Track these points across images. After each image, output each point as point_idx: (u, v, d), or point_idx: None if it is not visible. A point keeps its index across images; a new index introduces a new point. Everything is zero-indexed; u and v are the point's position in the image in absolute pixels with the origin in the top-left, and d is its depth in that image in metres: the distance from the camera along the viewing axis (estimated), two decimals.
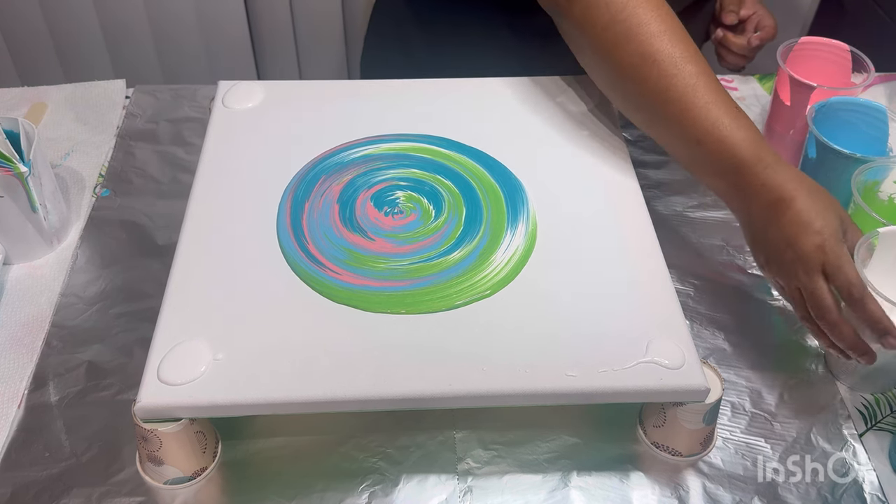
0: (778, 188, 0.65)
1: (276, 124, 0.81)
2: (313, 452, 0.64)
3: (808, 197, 0.64)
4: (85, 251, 0.80)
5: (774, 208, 0.64)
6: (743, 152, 0.66)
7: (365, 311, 0.63)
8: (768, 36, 0.98)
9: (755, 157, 0.66)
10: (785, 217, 0.64)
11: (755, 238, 0.67)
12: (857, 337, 0.62)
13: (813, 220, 0.63)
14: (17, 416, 0.66)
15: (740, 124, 0.67)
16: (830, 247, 0.62)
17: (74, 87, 1.00)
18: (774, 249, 0.65)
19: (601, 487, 0.63)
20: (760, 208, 0.65)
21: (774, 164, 0.66)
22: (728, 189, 0.68)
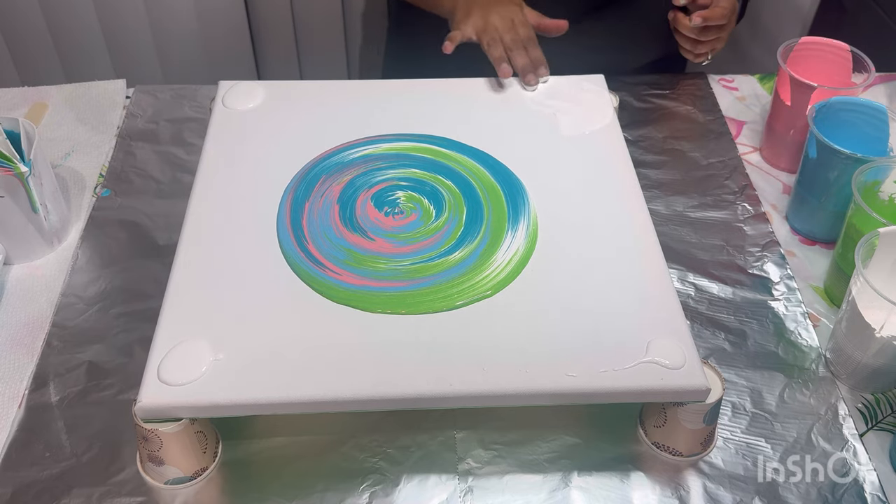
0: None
1: (276, 124, 0.81)
2: (313, 452, 0.64)
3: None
4: (85, 251, 0.80)
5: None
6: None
7: (365, 312, 0.63)
8: (713, 15, 0.92)
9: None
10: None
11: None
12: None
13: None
14: (18, 416, 0.66)
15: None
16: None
17: (74, 87, 1.00)
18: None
19: (602, 487, 0.63)
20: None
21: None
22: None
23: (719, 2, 0.93)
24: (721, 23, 0.93)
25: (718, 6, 0.93)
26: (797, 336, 0.74)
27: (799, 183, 0.84)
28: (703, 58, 0.98)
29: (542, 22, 0.91)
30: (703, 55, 0.98)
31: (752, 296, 0.77)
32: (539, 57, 0.87)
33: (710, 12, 0.92)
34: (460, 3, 0.92)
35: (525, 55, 0.86)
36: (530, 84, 0.85)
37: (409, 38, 1.14)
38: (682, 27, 0.95)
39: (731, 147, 0.94)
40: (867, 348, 0.67)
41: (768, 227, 0.84)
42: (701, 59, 0.99)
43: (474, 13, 0.90)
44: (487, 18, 0.89)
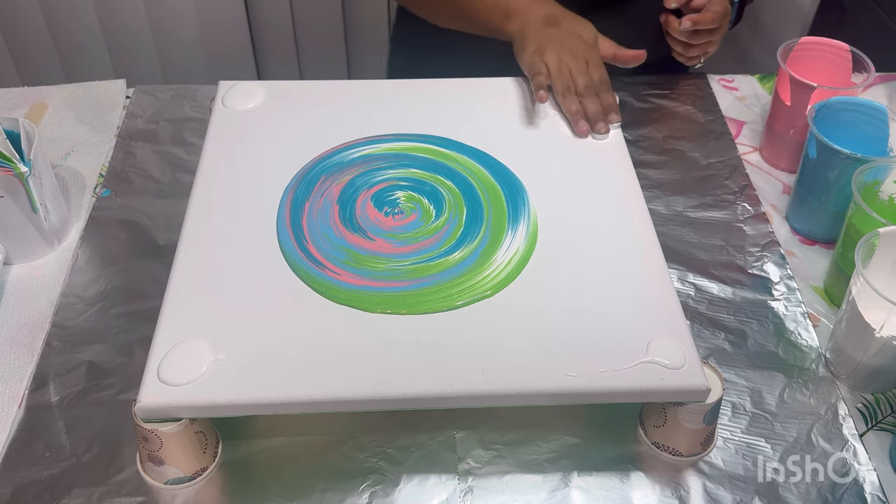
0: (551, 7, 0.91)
1: (276, 124, 0.81)
2: (313, 452, 0.64)
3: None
4: (85, 251, 0.80)
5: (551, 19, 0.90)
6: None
7: (365, 312, 0.63)
8: (703, 19, 0.91)
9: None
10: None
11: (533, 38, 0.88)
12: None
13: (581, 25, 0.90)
14: (18, 416, 0.66)
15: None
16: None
17: (74, 87, 1.00)
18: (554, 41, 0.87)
19: (602, 487, 0.63)
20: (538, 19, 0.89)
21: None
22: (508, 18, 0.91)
23: (710, 6, 0.92)
24: (712, 27, 0.92)
25: (710, 10, 0.92)
26: (797, 336, 0.74)
27: (799, 183, 0.84)
28: (696, 61, 0.99)
29: (618, 53, 0.89)
30: (695, 59, 0.98)
31: (752, 296, 0.77)
32: (611, 103, 0.84)
33: (700, 16, 0.92)
34: (532, 33, 0.88)
35: (597, 102, 0.83)
36: (600, 132, 0.81)
37: (412, 40, 1.14)
38: (673, 30, 0.94)
39: (731, 147, 0.94)
40: (867, 348, 0.67)
41: (768, 227, 0.84)
42: (693, 63, 0.99)
43: (548, 51, 0.85)
44: (562, 58, 0.85)
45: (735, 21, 1.01)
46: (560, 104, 0.84)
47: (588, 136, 0.81)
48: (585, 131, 0.81)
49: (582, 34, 0.88)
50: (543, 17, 0.89)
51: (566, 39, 0.87)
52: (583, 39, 0.88)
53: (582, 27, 0.89)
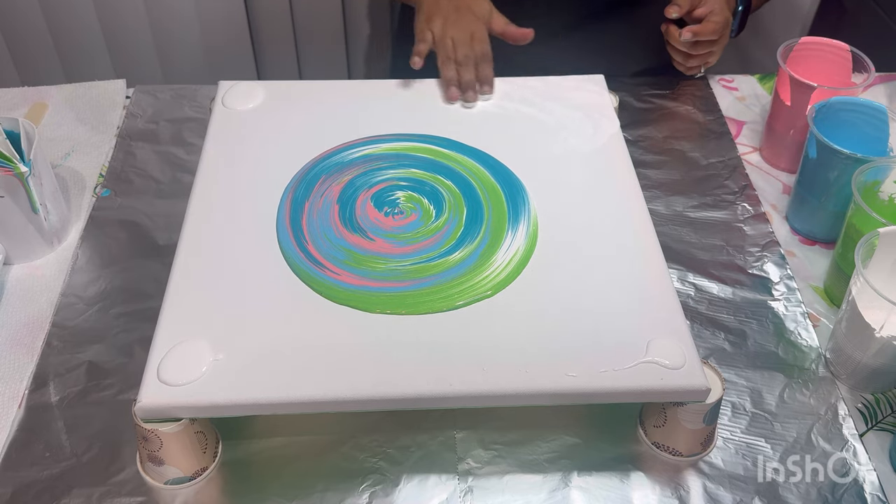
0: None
1: (276, 124, 0.81)
2: (313, 452, 0.64)
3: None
4: (85, 251, 0.80)
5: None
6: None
7: (365, 312, 0.63)
8: (704, 31, 0.92)
9: None
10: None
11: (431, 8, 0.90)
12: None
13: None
14: (18, 416, 0.66)
15: None
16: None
17: (74, 87, 1.00)
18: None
19: (602, 487, 0.63)
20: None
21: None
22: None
23: (711, 17, 0.92)
24: (712, 38, 0.93)
25: (710, 21, 0.92)
26: (797, 336, 0.74)
27: (799, 183, 0.84)
28: (695, 71, 0.99)
29: (507, 30, 0.90)
30: (696, 69, 0.98)
31: (752, 296, 0.77)
32: (487, 75, 0.87)
33: (701, 27, 0.92)
34: (427, 3, 0.92)
35: (472, 72, 0.86)
36: (469, 100, 0.85)
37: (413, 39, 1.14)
38: (674, 40, 0.94)
39: (731, 147, 0.94)
40: (867, 348, 0.67)
41: (768, 227, 0.84)
42: (693, 73, 0.99)
43: (436, 19, 0.90)
44: (446, 29, 0.88)
45: (738, 30, 1.01)
46: (439, 70, 0.87)
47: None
48: (455, 97, 0.85)
49: (473, 7, 0.90)
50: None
51: (455, 10, 0.90)
52: (472, 12, 0.90)
53: (477, 2, 0.91)
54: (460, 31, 0.88)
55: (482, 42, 0.88)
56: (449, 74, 0.86)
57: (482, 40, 0.88)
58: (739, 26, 1.00)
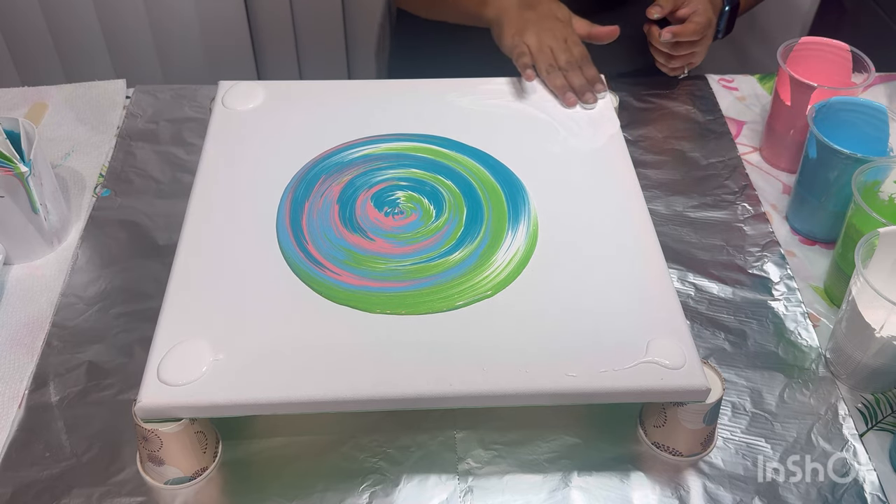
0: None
1: (276, 124, 0.81)
2: (313, 452, 0.64)
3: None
4: (85, 251, 0.80)
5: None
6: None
7: (365, 312, 0.63)
8: (684, 31, 0.92)
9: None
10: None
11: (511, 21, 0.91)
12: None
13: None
14: (18, 416, 0.66)
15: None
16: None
17: (74, 87, 1.00)
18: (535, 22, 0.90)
19: (602, 487, 0.63)
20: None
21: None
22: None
23: (693, 17, 0.92)
24: (694, 38, 0.92)
25: (692, 22, 0.92)
26: (797, 336, 0.74)
27: (799, 183, 0.84)
28: (679, 72, 0.98)
29: (593, 31, 0.91)
30: (678, 69, 0.98)
31: (752, 296, 0.77)
32: (594, 75, 0.87)
33: (681, 28, 0.92)
34: (509, 17, 0.91)
35: (581, 75, 0.86)
36: (589, 102, 0.84)
37: (412, 39, 1.14)
38: (655, 41, 0.94)
39: (731, 147, 0.94)
40: (867, 348, 0.67)
41: (768, 227, 0.84)
42: (676, 73, 0.99)
43: (527, 32, 0.89)
44: (541, 38, 0.88)
45: (726, 31, 1.00)
46: (545, 81, 0.87)
47: (576, 107, 0.84)
48: (574, 102, 0.85)
49: (557, 14, 0.91)
50: (518, 2, 0.91)
51: (543, 20, 0.90)
52: (559, 19, 0.90)
53: (557, 7, 0.92)
54: (554, 39, 0.88)
55: (577, 44, 0.89)
56: (559, 82, 0.86)
57: (577, 42, 0.89)
58: (727, 27, 1.00)
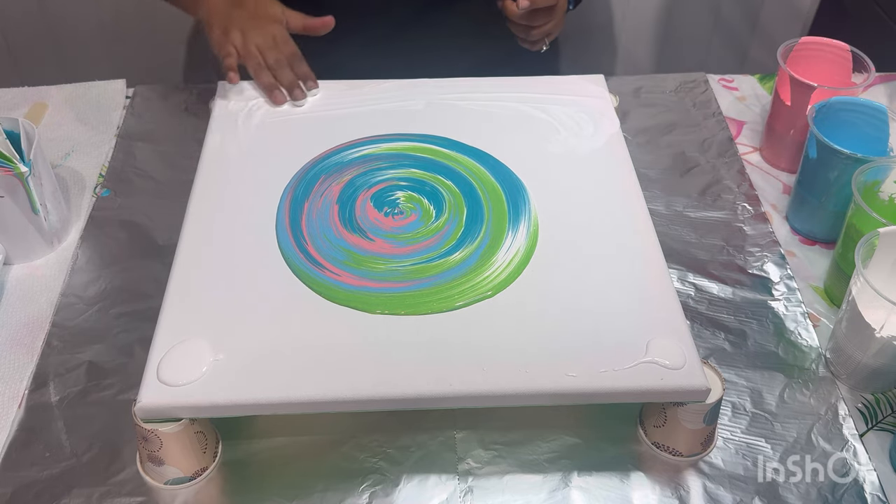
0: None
1: (276, 124, 0.81)
2: (313, 452, 0.64)
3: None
4: (85, 251, 0.80)
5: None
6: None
7: (365, 313, 0.63)
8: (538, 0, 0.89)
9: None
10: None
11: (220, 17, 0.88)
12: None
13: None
14: (18, 416, 0.66)
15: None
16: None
17: (74, 87, 1.00)
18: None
19: (602, 487, 0.63)
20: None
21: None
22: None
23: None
24: (549, 4, 0.90)
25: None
26: (797, 336, 0.74)
27: (799, 183, 0.84)
28: (540, 45, 0.96)
29: (307, 23, 0.89)
30: (540, 42, 0.96)
31: (752, 296, 0.77)
32: (305, 72, 0.86)
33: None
34: (217, 16, 0.89)
35: (290, 73, 0.85)
36: (298, 99, 0.84)
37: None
38: (512, 15, 0.91)
39: (731, 147, 0.94)
40: (867, 348, 0.67)
41: (768, 227, 0.84)
42: (538, 48, 0.96)
43: (234, 30, 0.87)
44: (248, 36, 0.86)
45: (576, 1, 0.98)
46: (254, 80, 0.86)
47: (286, 105, 0.84)
48: (282, 100, 0.84)
49: (268, 11, 0.89)
50: (228, 0, 0.89)
51: (251, 19, 0.88)
52: (268, 17, 0.88)
53: (268, 4, 0.89)
54: (262, 37, 0.87)
55: (287, 42, 0.88)
56: (267, 80, 0.85)
57: (286, 41, 0.88)
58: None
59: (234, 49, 0.86)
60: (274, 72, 0.85)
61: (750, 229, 0.84)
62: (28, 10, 1.40)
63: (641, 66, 1.55)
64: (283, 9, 0.90)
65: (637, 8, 1.47)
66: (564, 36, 1.05)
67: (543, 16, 0.92)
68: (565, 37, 1.54)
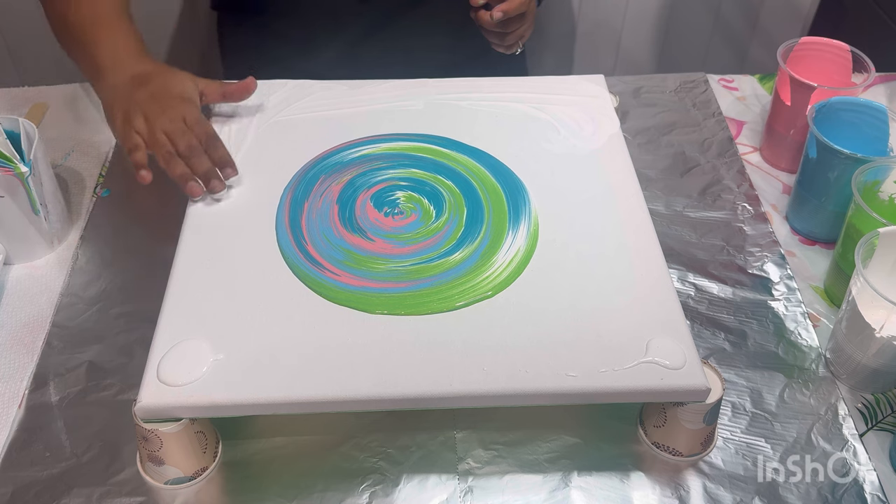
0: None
1: (275, 124, 0.81)
2: (313, 452, 0.64)
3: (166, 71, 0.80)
4: (85, 251, 0.80)
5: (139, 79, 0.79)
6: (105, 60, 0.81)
7: (365, 313, 0.63)
8: (511, 7, 0.87)
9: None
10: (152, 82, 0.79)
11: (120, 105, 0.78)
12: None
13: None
14: (18, 416, 0.66)
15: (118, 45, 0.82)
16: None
17: (74, 87, 1.00)
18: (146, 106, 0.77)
19: (602, 487, 0.63)
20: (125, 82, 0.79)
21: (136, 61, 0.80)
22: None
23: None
24: (521, 11, 0.90)
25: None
26: (797, 336, 0.74)
27: (799, 183, 0.84)
28: (515, 48, 0.96)
29: (226, 90, 0.81)
30: (514, 46, 0.96)
31: (752, 296, 0.77)
32: (223, 156, 0.74)
33: (507, 5, 0.88)
34: (118, 99, 0.78)
35: (205, 160, 0.74)
36: (215, 190, 0.73)
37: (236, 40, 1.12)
38: (486, 24, 0.91)
39: (731, 147, 0.94)
40: (867, 348, 0.67)
41: (768, 227, 0.84)
42: (513, 50, 0.97)
43: (136, 118, 0.76)
44: (153, 123, 0.75)
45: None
46: (166, 171, 0.75)
47: (201, 196, 0.73)
48: (199, 192, 0.73)
49: (174, 89, 0.78)
50: (130, 79, 0.78)
51: (155, 100, 0.76)
52: (175, 96, 0.77)
53: (176, 81, 0.79)
54: (170, 122, 0.75)
55: (200, 123, 0.76)
56: (180, 171, 0.73)
57: (199, 121, 0.76)
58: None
59: (140, 139, 0.75)
60: (187, 160, 0.74)
61: (750, 229, 0.84)
62: (28, 10, 1.40)
63: (641, 66, 1.55)
64: (194, 81, 0.80)
65: (637, 8, 1.47)
66: (563, 35, 1.05)
67: (516, 21, 0.92)
68: (563, 35, 1.54)
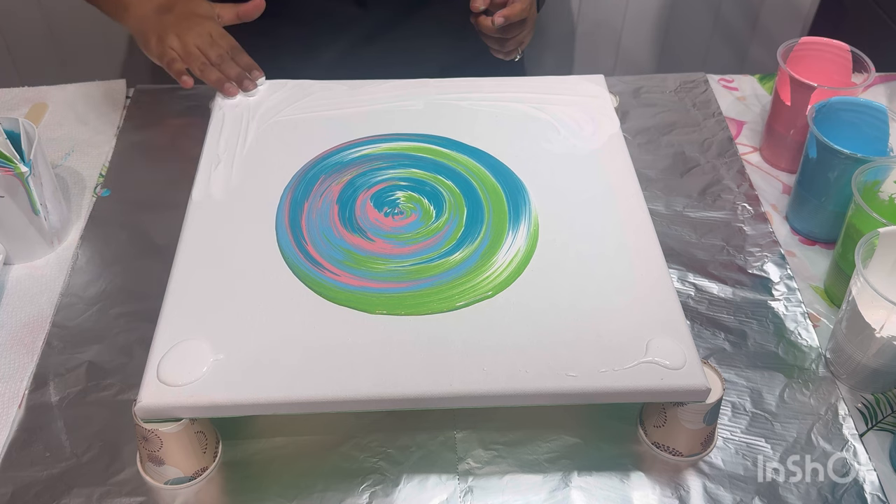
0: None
1: (275, 124, 0.81)
2: (313, 452, 0.64)
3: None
4: (85, 251, 0.80)
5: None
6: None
7: (365, 313, 0.63)
8: (512, 13, 0.88)
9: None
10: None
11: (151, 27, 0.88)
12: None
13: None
14: (18, 416, 0.66)
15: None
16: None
17: (74, 87, 1.00)
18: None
19: (602, 487, 0.63)
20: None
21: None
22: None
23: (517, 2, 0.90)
24: (522, 17, 0.90)
25: (516, 3, 0.90)
26: (797, 336, 0.74)
27: (799, 183, 0.84)
28: (514, 55, 0.97)
29: (239, 11, 0.89)
30: (513, 52, 0.96)
31: (752, 296, 0.77)
32: (249, 62, 0.87)
33: (508, 11, 0.89)
34: (149, 25, 0.88)
35: (234, 66, 0.86)
36: (248, 90, 0.85)
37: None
38: (486, 30, 0.91)
39: (731, 147, 0.94)
40: (867, 348, 0.67)
41: (768, 227, 0.85)
42: (511, 56, 0.97)
43: (169, 36, 0.86)
44: (185, 39, 0.86)
45: (539, 4, 0.98)
46: (202, 80, 0.86)
47: (238, 96, 0.85)
48: (234, 92, 0.85)
49: (197, 11, 0.88)
50: (156, 7, 0.89)
51: (182, 21, 0.87)
52: (199, 15, 0.88)
53: (195, 4, 0.89)
54: (199, 37, 0.86)
55: (224, 36, 0.88)
56: (215, 76, 0.85)
57: (223, 35, 0.88)
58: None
59: (175, 53, 0.86)
60: (219, 67, 0.85)
61: (750, 229, 0.84)
62: (28, 10, 1.40)
63: (641, 66, 1.55)
64: (210, 5, 0.90)
65: (637, 8, 1.47)
66: (563, 35, 1.05)
67: (517, 27, 0.92)
68: (563, 36, 1.54)
